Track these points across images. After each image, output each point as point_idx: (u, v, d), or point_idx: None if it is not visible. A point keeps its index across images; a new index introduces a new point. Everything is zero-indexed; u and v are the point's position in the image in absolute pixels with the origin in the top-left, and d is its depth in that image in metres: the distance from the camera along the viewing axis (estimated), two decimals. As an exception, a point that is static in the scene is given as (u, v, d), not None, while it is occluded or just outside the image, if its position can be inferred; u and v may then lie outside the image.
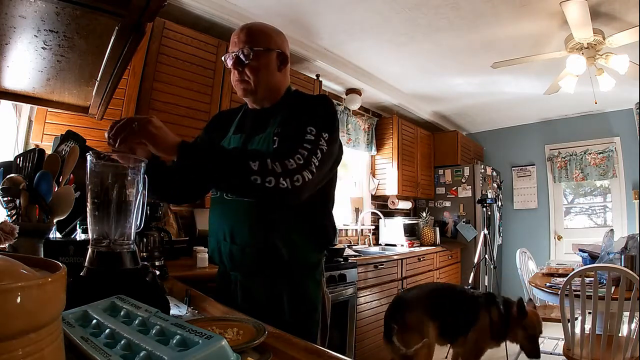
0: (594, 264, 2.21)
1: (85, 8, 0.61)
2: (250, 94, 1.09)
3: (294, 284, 1.03)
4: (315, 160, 0.90)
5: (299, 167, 0.87)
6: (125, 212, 0.73)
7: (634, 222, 4.02)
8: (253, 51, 1.04)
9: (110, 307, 0.56)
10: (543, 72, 3.22)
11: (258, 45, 1.05)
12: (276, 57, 1.09)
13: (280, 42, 1.11)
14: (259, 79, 1.06)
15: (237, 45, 1.06)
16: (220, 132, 1.18)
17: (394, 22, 2.59)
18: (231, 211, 1.05)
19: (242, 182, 0.84)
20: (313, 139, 0.92)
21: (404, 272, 3.12)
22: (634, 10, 2.28)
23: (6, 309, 0.24)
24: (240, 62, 1.05)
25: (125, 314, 0.52)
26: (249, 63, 1.05)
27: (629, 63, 2.53)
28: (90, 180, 0.72)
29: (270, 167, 0.84)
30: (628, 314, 1.86)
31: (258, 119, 1.11)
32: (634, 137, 4.05)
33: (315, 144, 0.92)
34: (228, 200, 1.05)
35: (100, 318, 0.50)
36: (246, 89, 1.08)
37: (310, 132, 0.93)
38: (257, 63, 1.05)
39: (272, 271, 1.03)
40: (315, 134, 0.93)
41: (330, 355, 0.62)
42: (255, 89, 1.07)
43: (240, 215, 1.03)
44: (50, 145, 1.50)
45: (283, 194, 0.85)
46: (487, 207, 3.90)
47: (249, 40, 1.05)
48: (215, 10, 2.36)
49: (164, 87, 2.05)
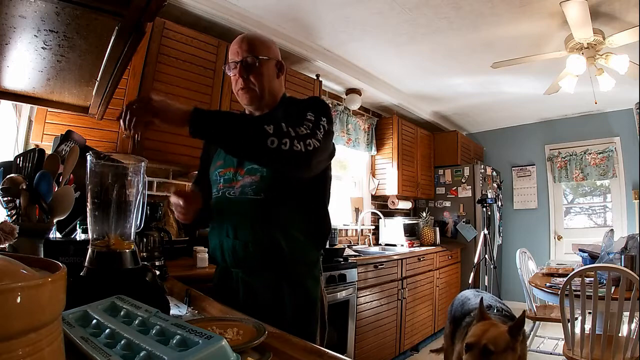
0: (594, 264, 2.21)
1: (85, 8, 0.61)
2: (256, 101, 1.13)
3: (295, 281, 1.07)
4: (319, 134, 0.96)
5: (308, 134, 0.93)
6: (125, 212, 0.73)
7: (634, 222, 4.02)
8: (258, 59, 1.10)
9: (111, 307, 0.56)
10: (543, 72, 3.22)
11: (261, 54, 1.11)
12: (275, 65, 1.16)
13: (277, 52, 1.19)
14: (263, 85, 1.11)
15: (239, 55, 1.11)
16: None
17: (394, 22, 2.58)
18: (234, 208, 1.08)
19: (258, 146, 0.87)
20: (314, 119, 0.99)
21: (404, 272, 3.12)
22: (634, 10, 2.28)
23: (6, 309, 0.24)
24: (246, 70, 1.10)
25: (125, 314, 0.53)
26: (254, 71, 1.10)
27: (629, 63, 2.53)
28: (90, 180, 0.72)
29: (285, 130, 0.89)
30: (628, 314, 1.86)
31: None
32: (634, 137, 4.05)
33: (316, 122, 0.98)
34: (231, 198, 1.08)
35: (101, 318, 0.51)
36: (253, 97, 1.12)
37: (310, 116, 1.00)
38: (261, 71, 1.11)
39: (274, 267, 1.06)
40: (315, 116, 1.00)
41: (330, 355, 0.62)
42: (261, 95, 1.12)
43: (243, 212, 1.06)
44: (50, 145, 1.50)
45: (298, 157, 0.89)
46: (487, 207, 3.90)
47: (252, 50, 1.10)
48: (215, 10, 2.36)
49: (164, 87, 2.05)
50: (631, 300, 1.80)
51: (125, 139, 1.88)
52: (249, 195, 1.05)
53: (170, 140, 2.06)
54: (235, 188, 1.08)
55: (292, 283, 1.06)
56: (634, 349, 1.78)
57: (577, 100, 3.94)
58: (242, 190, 1.06)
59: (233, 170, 1.10)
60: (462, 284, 4.05)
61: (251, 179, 1.06)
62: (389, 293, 2.92)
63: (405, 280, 3.12)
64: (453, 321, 2.10)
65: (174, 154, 2.08)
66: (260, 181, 1.05)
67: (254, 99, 1.12)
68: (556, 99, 3.71)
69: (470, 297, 2.10)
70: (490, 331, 1.48)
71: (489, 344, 1.44)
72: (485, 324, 1.55)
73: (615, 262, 2.22)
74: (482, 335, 1.47)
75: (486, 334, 1.47)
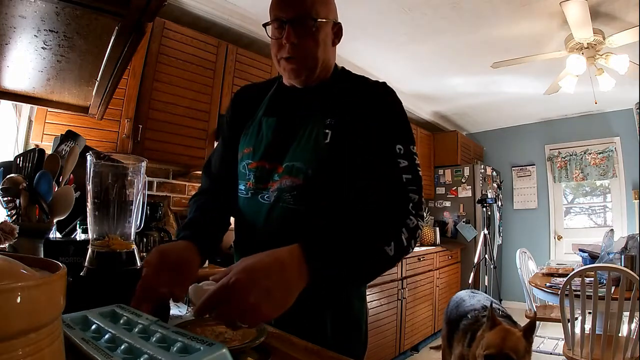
0: (594, 264, 2.21)
1: (85, 8, 0.61)
2: (304, 75, 0.85)
3: (338, 300, 0.85)
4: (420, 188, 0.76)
5: (417, 218, 0.73)
6: (125, 212, 0.73)
7: (634, 222, 4.02)
8: (315, 22, 0.81)
9: (111, 314, 0.56)
10: (543, 72, 3.22)
11: (319, 13, 0.82)
12: (332, 28, 0.88)
13: (335, 10, 0.90)
14: (317, 56, 0.84)
15: (288, 10, 0.81)
16: (249, 112, 0.94)
17: (394, 22, 2.59)
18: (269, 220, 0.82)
19: (384, 269, 0.72)
20: (407, 165, 0.77)
21: (404, 272, 3.12)
22: (634, 10, 2.28)
23: (6, 309, 0.24)
24: (297, 34, 0.81)
25: (126, 321, 0.53)
26: (309, 35, 0.82)
27: (629, 63, 2.53)
28: (90, 181, 0.72)
29: (405, 244, 0.70)
30: (628, 314, 1.86)
31: (298, 99, 0.89)
32: (634, 137, 4.05)
33: (414, 170, 0.77)
34: (264, 204, 0.83)
35: (101, 323, 0.51)
36: (301, 69, 0.84)
37: (400, 152, 0.77)
38: (317, 36, 0.83)
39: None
40: (405, 153, 0.78)
41: (330, 355, 0.62)
42: (313, 67, 0.85)
43: (280, 227, 0.81)
44: (50, 145, 1.50)
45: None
46: (487, 207, 3.90)
47: (310, 8, 0.81)
48: (215, 10, 2.36)
49: (164, 87, 2.05)
50: (631, 300, 1.80)
51: (125, 139, 1.88)
52: (288, 204, 0.79)
53: (171, 140, 2.07)
54: (270, 191, 0.82)
55: (334, 303, 0.85)
56: (634, 349, 1.78)
57: (577, 100, 3.94)
58: (279, 196, 0.80)
59: (268, 165, 0.84)
60: (462, 284, 4.05)
61: (291, 181, 0.80)
62: (388, 293, 2.92)
63: (405, 280, 3.12)
64: (449, 322, 2.10)
65: (174, 154, 2.08)
66: (304, 186, 0.79)
67: (301, 72, 0.85)
68: (556, 99, 3.71)
69: (465, 298, 2.10)
70: (509, 339, 1.47)
71: (511, 353, 1.43)
72: (500, 330, 1.53)
73: (615, 262, 2.22)
74: (502, 345, 1.45)
75: (506, 342, 1.46)
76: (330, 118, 0.82)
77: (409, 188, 0.75)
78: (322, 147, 0.80)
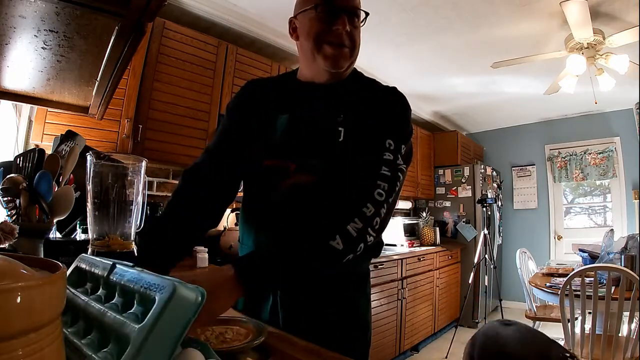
0: (594, 264, 2.20)
1: (85, 8, 0.61)
2: (342, 66, 0.84)
3: (344, 301, 0.85)
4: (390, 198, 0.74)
5: (377, 210, 0.71)
6: (125, 212, 0.73)
7: (634, 222, 4.02)
8: (364, 14, 0.84)
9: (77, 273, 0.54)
10: (543, 72, 3.22)
11: (360, 6, 0.84)
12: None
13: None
14: (357, 49, 0.86)
15: (349, 1, 0.82)
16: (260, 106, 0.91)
17: (394, 22, 2.58)
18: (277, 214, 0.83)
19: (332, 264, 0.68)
20: (391, 159, 0.76)
21: (404, 272, 3.12)
22: (634, 10, 2.28)
23: (6, 309, 0.24)
24: (352, 24, 0.82)
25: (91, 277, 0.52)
26: (356, 26, 0.84)
27: (629, 63, 2.53)
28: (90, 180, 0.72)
29: (354, 235, 0.68)
30: (628, 314, 1.86)
31: (313, 95, 0.88)
32: (634, 137, 4.05)
33: (393, 167, 0.76)
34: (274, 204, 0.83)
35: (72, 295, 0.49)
36: (346, 57, 0.84)
37: (389, 146, 0.77)
38: (359, 29, 0.85)
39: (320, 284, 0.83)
40: (393, 149, 0.77)
41: (330, 355, 0.62)
42: (354, 59, 0.86)
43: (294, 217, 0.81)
44: (50, 145, 1.50)
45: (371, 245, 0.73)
46: (487, 207, 3.90)
47: (359, 3, 0.84)
48: (215, 10, 2.36)
49: (164, 87, 2.05)
50: (631, 300, 1.80)
51: (125, 139, 1.88)
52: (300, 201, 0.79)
53: (170, 140, 2.07)
54: (283, 189, 0.81)
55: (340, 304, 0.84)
56: (634, 349, 1.78)
57: (577, 100, 3.94)
58: (292, 193, 0.80)
59: (281, 163, 0.83)
60: (462, 284, 4.05)
61: (304, 179, 0.80)
62: (389, 293, 2.92)
63: (405, 280, 3.12)
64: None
65: (174, 154, 2.08)
66: (317, 183, 0.79)
67: (345, 61, 0.84)
68: (556, 99, 3.71)
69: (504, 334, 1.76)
70: None
71: None
72: None
73: (615, 262, 2.22)
74: None
75: None
76: (343, 117, 0.82)
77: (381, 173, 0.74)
78: (336, 146, 0.80)
